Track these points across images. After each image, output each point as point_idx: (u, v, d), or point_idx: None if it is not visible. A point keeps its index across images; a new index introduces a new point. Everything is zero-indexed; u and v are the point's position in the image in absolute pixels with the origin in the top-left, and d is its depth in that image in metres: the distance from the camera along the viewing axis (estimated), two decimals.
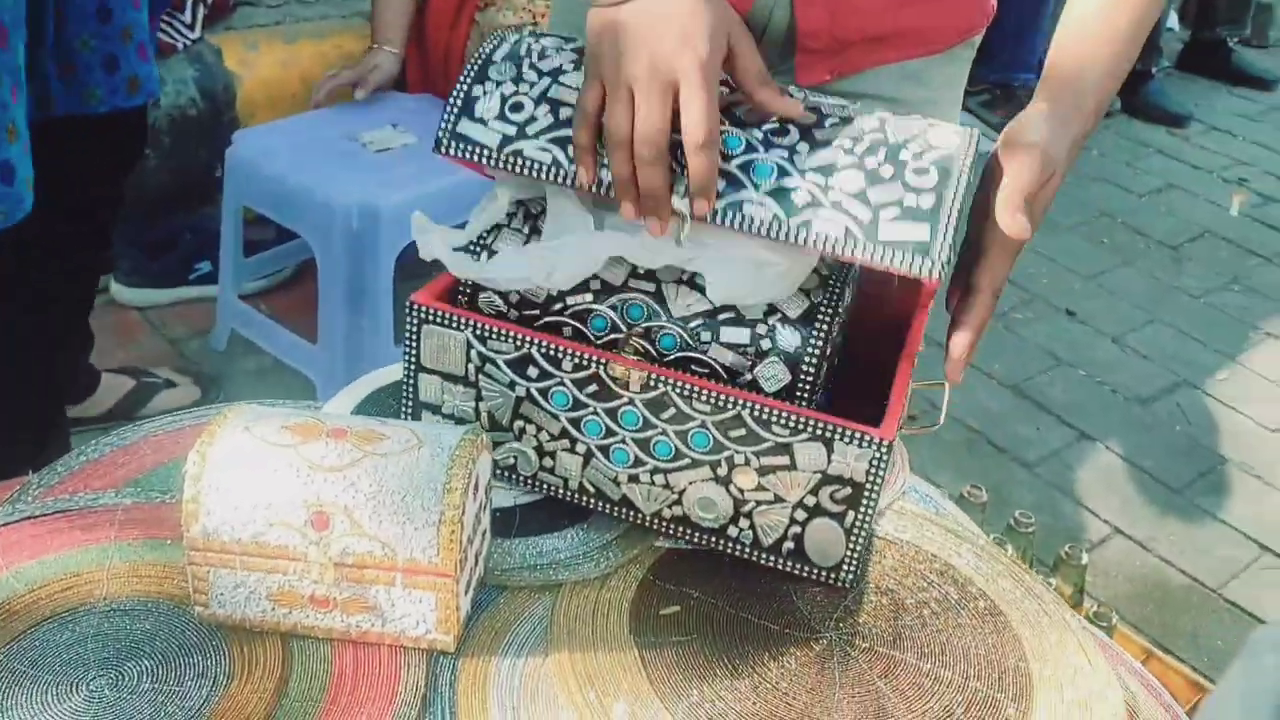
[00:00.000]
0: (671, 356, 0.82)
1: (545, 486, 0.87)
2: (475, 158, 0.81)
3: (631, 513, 0.85)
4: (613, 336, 0.84)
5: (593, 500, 0.85)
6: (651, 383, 0.79)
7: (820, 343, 0.82)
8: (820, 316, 0.83)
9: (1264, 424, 2.14)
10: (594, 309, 0.84)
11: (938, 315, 0.94)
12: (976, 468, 1.94)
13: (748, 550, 0.83)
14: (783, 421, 0.77)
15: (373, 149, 1.85)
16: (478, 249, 0.86)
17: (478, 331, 0.83)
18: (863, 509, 0.79)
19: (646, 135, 0.75)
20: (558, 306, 0.85)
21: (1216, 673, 1.61)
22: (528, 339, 0.81)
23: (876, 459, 0.77)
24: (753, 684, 0.75)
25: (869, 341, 1.00)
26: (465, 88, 0.83)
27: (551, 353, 0.81)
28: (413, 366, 0.86)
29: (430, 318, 0.83)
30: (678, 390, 0.79)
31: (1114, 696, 0.77)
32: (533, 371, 0.83)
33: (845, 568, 0.82)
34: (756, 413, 0.78)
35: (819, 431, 0.77)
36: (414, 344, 0.85)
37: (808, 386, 0.82)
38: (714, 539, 0.83)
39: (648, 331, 0.84)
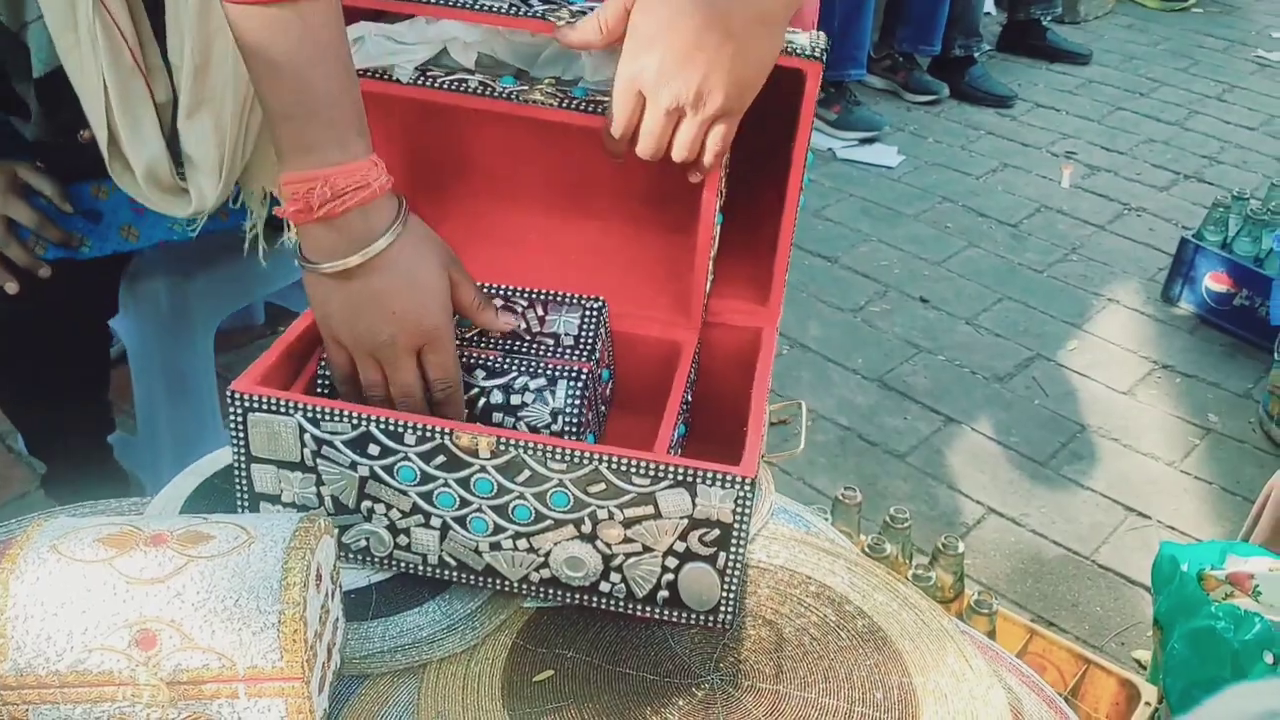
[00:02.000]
0: (580, 101, 0.84)
1: (403, 565, 0.82)
2: None
3: (498, 581, 0.81)
4: (520, 87, 0.85)
5: (455, 574, 0.81)
6: (502, 447, 0.76)
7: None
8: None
9: (1115, 388, 2.21)
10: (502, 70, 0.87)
11: (789, 314, 0.93)
12: (850, 465, 1.95)
13: (622, 604, 0.80)
14: (642, 471, 0.75)
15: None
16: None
17: (309, 414, 0.78)
18: (733, 548, 0.77)
19: (404, 394, 0.82)
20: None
21: (1098, 639, 1.65)
22: (364, 417, 0.77)
23: (741, 497, 0.75)
24: None
25: (719, 375, 0.99)
26: None
27: (392, 428, 0.77)
28: (243, 457, 0.80)
29: (256, 405, 0.78)
30: (530, 452, 0.76)
31: (997, 699, 0.77)
32: (374, 449, 0.78)
33: (723, 609, 0.79)
34: (614, 465, 0.75)
35: (680, 477, 0.75)
36: (241, 434, 0.79)
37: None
38: (586, 597, 0.80)
39: (559, 81, 0.85)
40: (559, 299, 0.93)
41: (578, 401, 0.85)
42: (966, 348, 2.31)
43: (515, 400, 0.86)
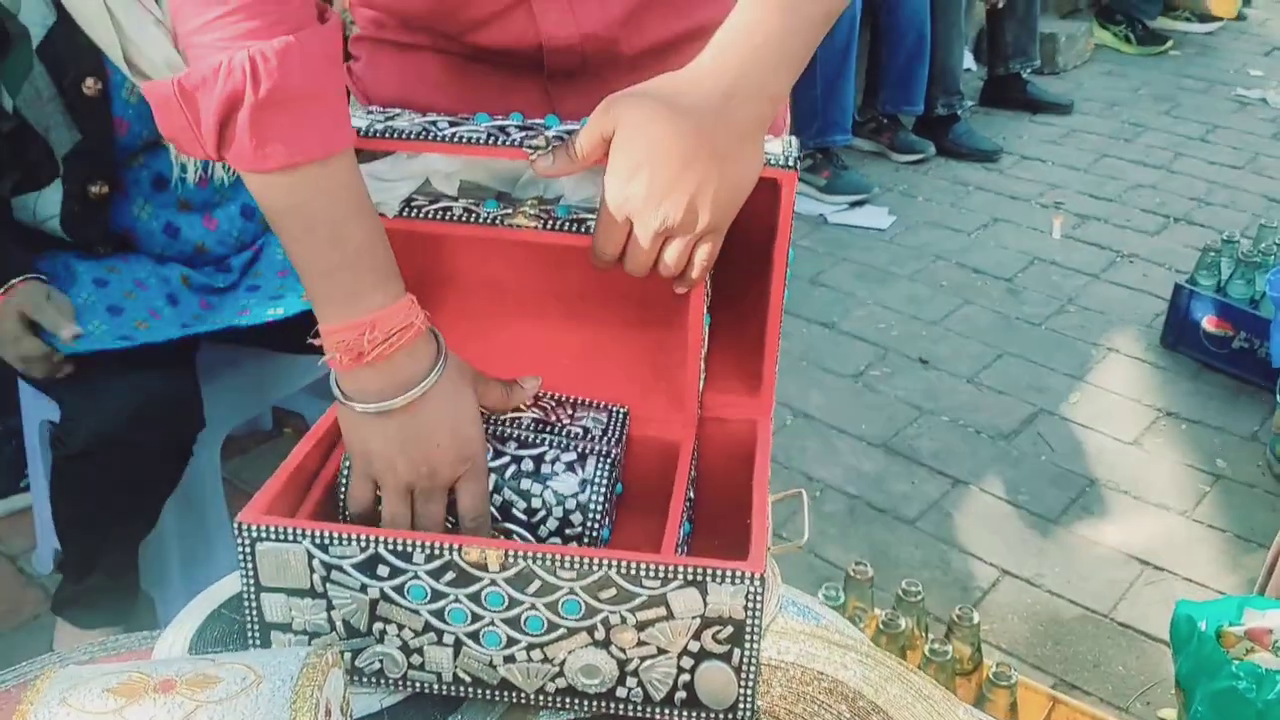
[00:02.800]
0: (564, 220, 0.85)
1: (418, 685, 0.82)
2: None
3: (513, 694, 0.81)
4: (504, 210, 0.86)
5: (470, 689, 0.81)
6: (511, 560, 0.76)
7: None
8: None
9: (1120, 438, 2.21)
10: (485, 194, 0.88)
11: (791, 384, 0.94)
12: (861, 533, 1.95)
13: (640, 708, 0.80)
14: (652, 573, 0.75)
15: None
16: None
17: (317, 540, 0.78)
18: (747, 644, 0.77)
19: (430, 527, 0.83)
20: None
21: (1122, 699, 1.63)
22: (373, 539, 0.77)
23: (752, 593, 0.75)
24: None
25: (719, 469, 0.99)
26: None
27: (400, 548, 0.77)
28: (253, 588, 0.80)
29: (263, 535, 0.78)
30: (539, 563, 0.76)
31: None
32: (383, 570, 0.78)
33: (741, 707, 0.79)
34: (624, 569, 0.75)
35: (690, 577, 0.75)
36: (250, 564, 0.79)
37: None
38: (604, 704, 0.80)
39: (542, 201, 0.86)
40: (585, 402, 0.95)
41: (605, 478, 0.87)
42: (969, 407, 2.31)
43: (545, 469, 0.87)
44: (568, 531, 0.88)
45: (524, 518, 0.89)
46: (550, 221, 0.86)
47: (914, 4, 3.36)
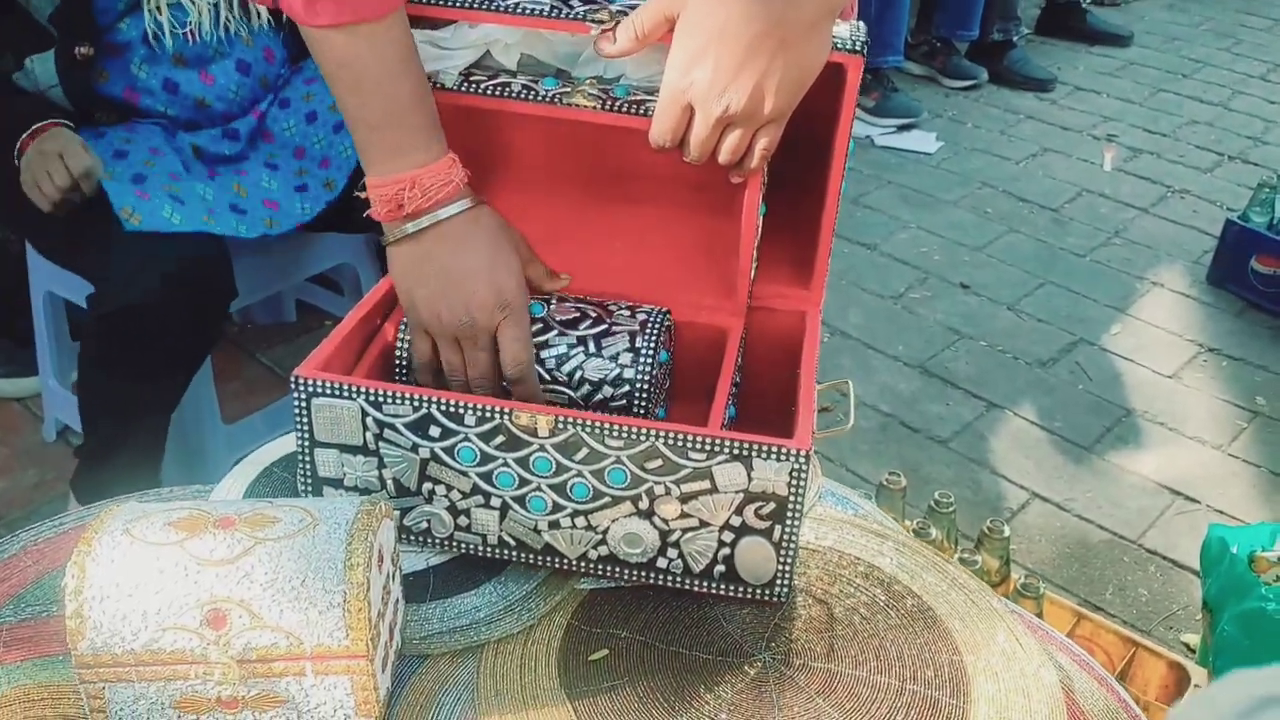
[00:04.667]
0: (623, 102, 0.84)
1: (463, 546, 0.84)
2: None
3: (557, 559, 0.83)
4: (563, 89, 0.86)
5: (514, 553, 0.83)
6: (561, 426, 0.77)
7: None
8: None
9: (1160, 371, 2.20)
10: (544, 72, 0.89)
11: (830, 302, 0.94)
12: (893, 451, 1.95)
13: (679, 579, 0.81)
14: (699, 446, 0.76)
15: None
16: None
17: (371, 398, 0.80)
18: (788, 522, 0.78)
19: (481, 375, 0.86)
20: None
21: (1145, 624, 1.64)
22: (425, 399, 0.79)
23: (796, 470, 0.76)
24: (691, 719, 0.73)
25: (765, 359, 1.00)
26: None
27: (452, 409, 0.79)
28: (307, 443, 0.82)
29: (319, 390, 0.80)
30: (588, 430, 0.77)
31: (1049, 677, 0.77)
32: (435, 431, 0.80)
33: (779, 583, 0.81)
34: (671, 441, 0.76)
35: (736, 451, 0.76)
36: (305, 419, 0.81)
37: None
38: (644, 573, 0.82)
39: (601, 80, 0.86)
40: (627, 306, 0.95)
41: (654, 343, 0.89)
42: (1008, 333, 2.30)
43: (600, 330, 0.90)
44: (614, 404, 0.90)
45: (572, 392, 0.90)
46: (609, 102, 0.85)
47: None
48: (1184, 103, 3.41)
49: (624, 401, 0.89)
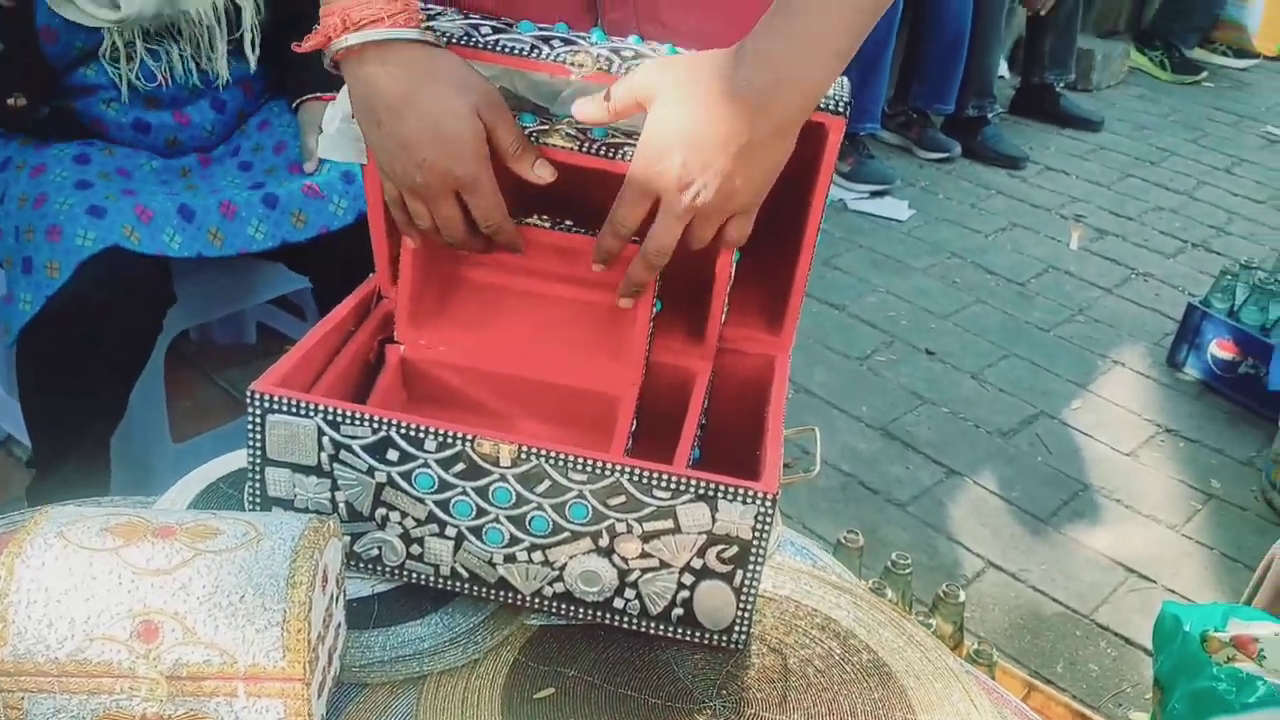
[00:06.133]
0: (600, 144, 0.82)
1: (414, 576, 0.81)
2: None
3: (510, 595, 0.80)
4: (540, 127, 0.84)
5: (467, 585, 0.81)
6: (524, 456, 0.75)
7: None
8: None
9: (1119, 449, 2.21)
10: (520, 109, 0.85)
11: (796, 360, 0.94)
12: (851, 511, 1.94)
13: (636, 621, 0.79)
14: (664, 484, 0.75)
15: None
16: None
17: (329, 417, 0.77)
18: (751, 567, 0.77)
19: (446, 227, 0.83)
20: None
21: (1095, 698, 1.63)
22: (386, 421, 0.77)
23: (762, 513, 0.75)
24: None
25: (732, 402, 0.99)
26: None
27: (412, 433, 0.76)
28: (258, 460, 0.80)
29: (276, 406, 0.78)
30: (551, 462, 0.75)
31: None
32: (393, 455, 0.78)
33: (737, 629, 0.79)
34: (636, 478, 0.75)
35: (701, 491, 0.74)
36: (258, 436, 0.79)
37: None
38: (600, 613, 0.80)
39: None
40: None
41: None
42: (970, 401, 2.31)
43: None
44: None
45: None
46: (586, 144, 0.84)
47: (956, 3, 3.34)
48: (1150, 189, 3.48)
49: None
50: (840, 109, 0.81)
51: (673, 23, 0.90)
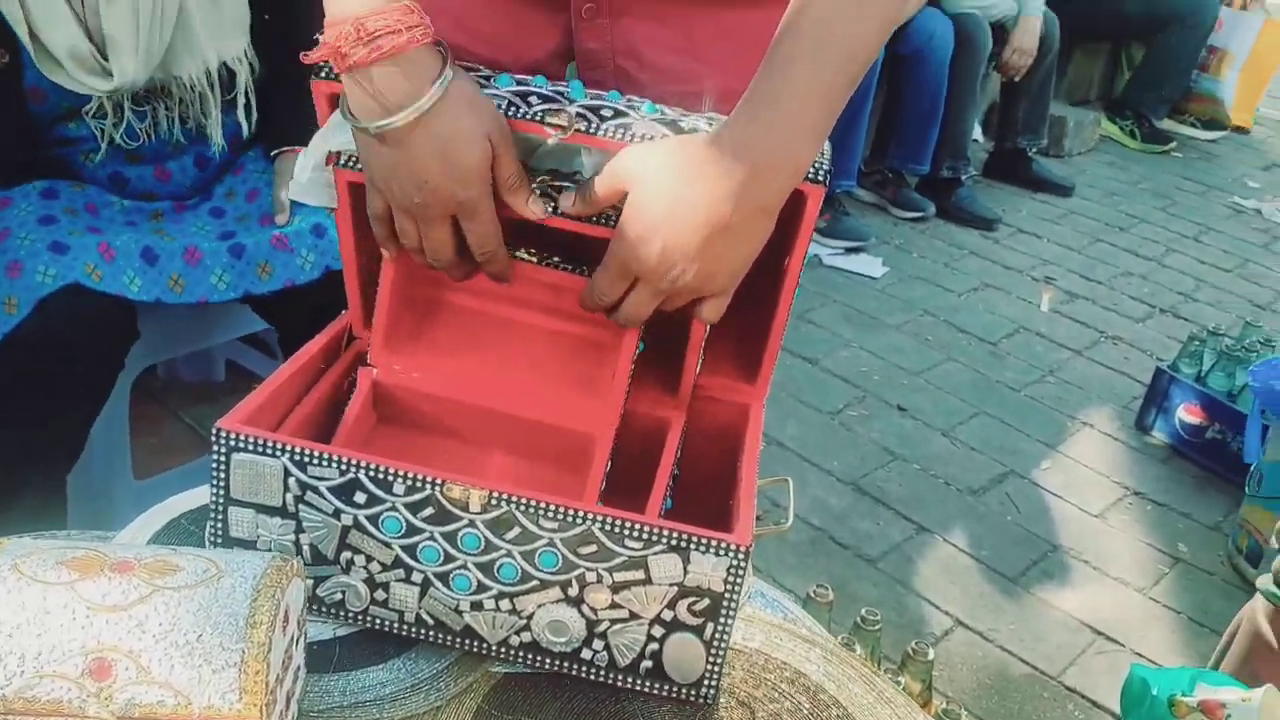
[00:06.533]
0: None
1: (378, 622, 0.80)
2: None
3: (476, 643, 0.79)
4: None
5: (432, 633, 0.79)
6: (494, 502, 0.74)
7: None
8: None
9: (1088, 510, 2.22)
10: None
11: (768, 412, 0.93)
12: (821, 566, 1.93)
13: (604, 673, 0.78)
14: (636, 534, 0.74)
15: None
16: None
17: (296, 458, 0.76)
18: (722, 620, 0.76)
19: (434, 254, 0.81)
20: None
21: None
22: (354, 462, 0.75)
23: (735, 566, 0.74)
24: None
25: (704, 452, 0.98)
26: None
27: (381, 476, 0.75)
28: (221, 499, 0.78)
29: (241, 445, 0.76)
30: (522, 509, 0.74)
31: None
32: (360, 497, 0.76)
33: (706, 683, 0.78)
34: (608, 526, 0.74)
35: (674, 542, 0.74)
36: (222, 474, 0.77)
37: None
38: (567, 664, 0.78)
39: (558, 174, 0.83)
40: None
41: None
42: (941, 458, 2.31)
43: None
44: None
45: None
46: (558, 206, 0.83)
47: (933, 66, 3.40)
48: (1120, 254, 3.53)
49: None
50: (820, 178, 0.80)
51: (650, 60, 0.91)
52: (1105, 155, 4.49)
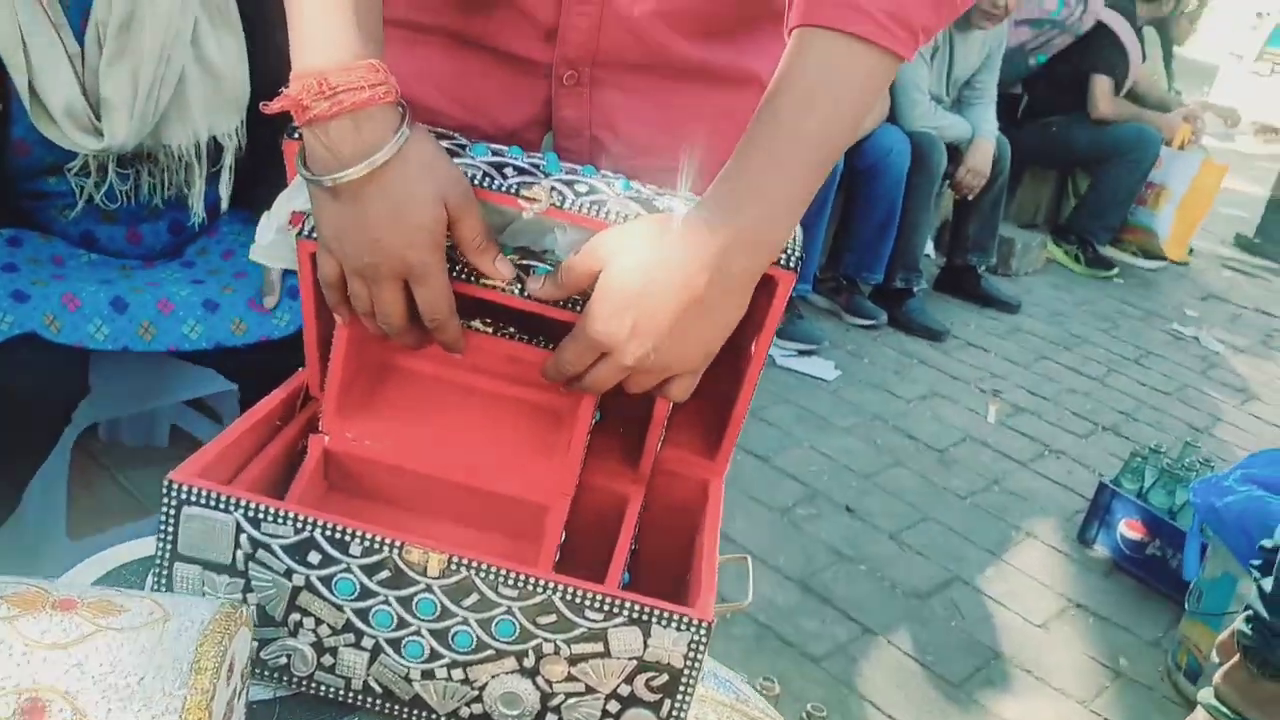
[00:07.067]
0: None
1: (324, 688, 0.77)
2: None
3: (425, 714, 0.76)
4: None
5: (379, 702, 0.76)
6: (453, 567, 0.73)
7: None
8: None
9: (1031, 620, 2.22)
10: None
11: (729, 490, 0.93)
12: (765, 661, 1.91)
13: None
14: (597, 605, 0.72)
15: None
16: None
17: (250, 514, 0.74)
18: (679, 697, 0.74)
19: (384, 319, 0.80)
20: None
21: None
22: (310, 521, 0.73)
23: (695, 641, 0.73)
24: None
25: (663, 527, 0.97)
26: None
27: (338, 536, 0.73)
28: (167, 554, 0.75)
29: (193, 498, 0.74)
30: (482, 574, 0.73)
31: None
32: (314, 557, 0.74)
33: None
34: (569, 597, 0.72)
35: (635, 615, 0.72)
36: (171, 529, 0.75)
37: None
38: None
39: (528, 253, 0.82)
40: None
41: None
42: (888, 561, 2.31)
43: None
44: None
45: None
46: (525, 286, 0.82)
47: (890, 180, 3.50)
48: (1064, 372, 3.61)
49: None
50: (792, 264, 0.80)
51: (625, 132, 0.92)
52: (1051, 277, 4.63)
